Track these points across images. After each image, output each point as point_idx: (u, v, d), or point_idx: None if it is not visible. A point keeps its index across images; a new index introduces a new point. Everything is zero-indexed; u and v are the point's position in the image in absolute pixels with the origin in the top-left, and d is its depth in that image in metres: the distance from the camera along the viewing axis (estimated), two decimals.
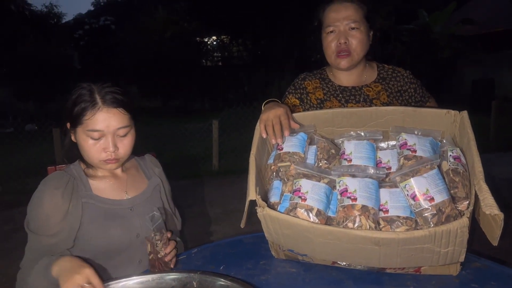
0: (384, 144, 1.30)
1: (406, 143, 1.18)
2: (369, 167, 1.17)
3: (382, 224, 1.08)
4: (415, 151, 1.15)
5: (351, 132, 1.32)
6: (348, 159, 1.22)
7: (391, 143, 1.29)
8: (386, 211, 1.09)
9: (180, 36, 16.49)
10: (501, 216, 0.94)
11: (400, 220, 1.07)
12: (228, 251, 1.37)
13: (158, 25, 16.60)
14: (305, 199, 1.11)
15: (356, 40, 1.57)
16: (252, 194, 1.13)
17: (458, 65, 13.21)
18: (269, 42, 16.78)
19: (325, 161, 1.29)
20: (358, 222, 1.06)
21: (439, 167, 1.13)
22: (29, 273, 1.20)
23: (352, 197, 1.09)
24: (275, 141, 1.30)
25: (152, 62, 15.59)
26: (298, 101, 1.69)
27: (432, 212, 1.03)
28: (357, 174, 1.15)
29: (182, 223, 1.53)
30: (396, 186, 1.12)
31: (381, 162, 1.24)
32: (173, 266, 1.23)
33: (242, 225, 1.18)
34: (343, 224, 1.08)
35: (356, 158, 1.21)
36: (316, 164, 1.29)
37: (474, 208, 1.06)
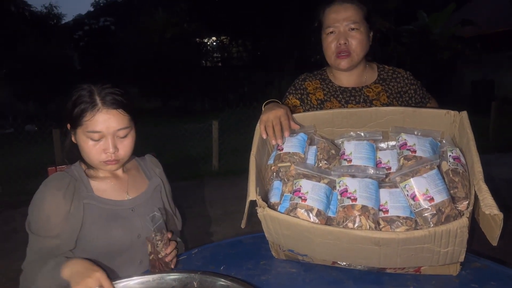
0: (384, 145, 1.30)
1: (406, 144, 1.18)
2: (369, 168, 1.17)
3: (382, 224, 1.08)
4: (415, 152, 1.16)
5: (351, 133, 1.32)
6: (348, 160, 1.22)
7: (391, 144, 1.29)
8: (386, 211, 1.10)
9: (180, 37, 16.51)
10: (501, 216, 0.95)
11: (400, 220, 1.07)
12: (229, 252, 1.37)
13: (158, 26, 16.62)
14: (305, 200, 1.12)
15: (356, 41, 1.57)
16: (252, 195, 1.13)
17: (458, 66, 13.23)
18: (269, 43, 16.79)
19: (325, 162, 1.29)
20: (358, 222, 1.07)
21: (439, 167, 1.13)
22: (34, 275, 1.19)
23: (352, 197, 1.09)
24: (275, 142, 1.31)
25: (152, 63, 15.61)
26: (299, 102, 1.69)
27: (432, 212, 1.04)
28: (357, 175, 1.15)
29: (183, 223, 1.53)
30: (396, 186, 1.13)
31: (381, 163, 1.24)
32: (174, 267, 1.23)
33: (243, 226, 1.18)
34: (343, 224, 1.08)
35: (356, 159, 1.21)
36: (316, 165, 1.29)
37: (474, 208, 1.06)
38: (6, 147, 7.69)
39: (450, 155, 1.16)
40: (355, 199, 1.09)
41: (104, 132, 1.24)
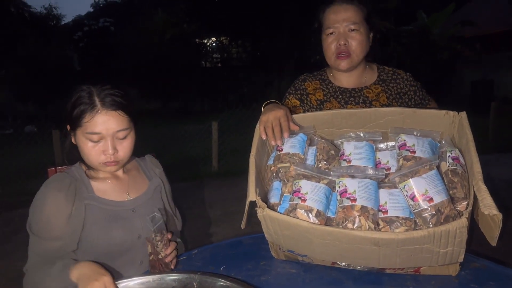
0: (383, 145, 1.31)
1: (405, 144, 1.19)
2: (369, 168, 1.18)
3: (382, 225, 1.08)
4: (414, 152, 1.16)
5: (351, 133, 1.32)
6: (348, 160, 1.22)
7: (390, 144, 1.29)
8: (386, 212, 1.10)
9: (180, 38, 16.51)
10: (500, 217, 0.95)
11: (400, 221, 1.07)
12: (228, 252, 1.37)
13: (158, 27, 16.62)
14: (305, 200, 1.12)
15: (356, 42, 1.58)
16: (252, 195, 1.13)
17: (458, 66, 13.22)
18: (269, 43, 16.79)
19: (325, 162, 1.30)
20: (358, 223, 1.07)
21: (438, 168, 1.14)
22: (39, 277, 1.19)
23: (352, 198, 1.10)
24: (275, 143, 1.31)
25: (152, 64, 15.60)
26: (299, 102, 1.69)
27: (431, 213, 1.04)
28: (357, 175, 1.15)
29: (183, 224, 1.53)
30: (395, 187, 1.13)
31: (380, 163, 1.24)
32: (174, 267, 1.23)
33: (243, 226, 1.18)
34: (343, 225, 1.08)
35: (356, 159, 1.21)
36: (316, 165, 1.29)
37: (473, 209, 1.06)
38: (6, 148, 7.69)
39: (449, 156, 1.16)
40: (355, 200, 1.09)
41: (104, 134, 1.24)
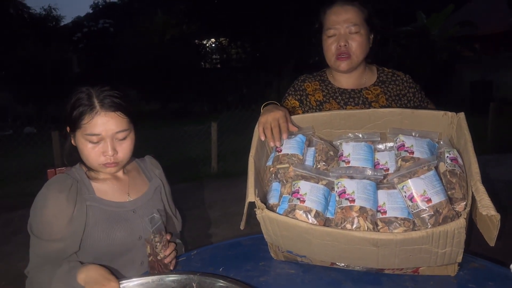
0: (382, 146, 1.31)
1: (404, 145, 1.19)
2: (367, 169, 1.18)
3: (380, 225, 1.09)
4: (413, 153, 1.16)
5: (349, 134, 1.33)
6: (346, 161, 1.23)
7: (389, 145, 1.30)
8: (384, 212, 1.10)
9: (179, 39, 16.51)
10: (498, 217, 0.95)
11: (398, 221, 1.08)
12: (227, 253, 1.38)
13: (157, 28, 16.62)
14: (304, 201, 1.12)
15: (356, 43, 1.58)
16: (251, 196, 1.13)
17: (457, 67, 13.23)
18: (268, 44, 16.78)
19: (324, 163, 1.30)
20: (356, 223, 1.07)
21: (436, 169, 1.14)
22: (44, 279, 1.18)
23: (350, 199, 1.10)
24: (274, 144, 1.31)
25: (151, 65, 15.60)
26: (298, 103, 1.69)
27: (430, 213, 1.04)
28: (355, 176, 1.16)
29: (182, 225, 1.53)
30: (394, 188, 1.13)
31: (379, 164, 1.25)
32: (173, 268, 1.23)
33: (242, 227, 1.18)
34: (342, 226, 1.08)
35: (354, 160, 1.22)
36: (315, 166, 1.29)
37: (471, 209, 1.06)
38: (5, 149, 7.68)
39: (448, 156, 1.17)
40: (353, 200, 1.09)
41: (103, 135, 1.24)
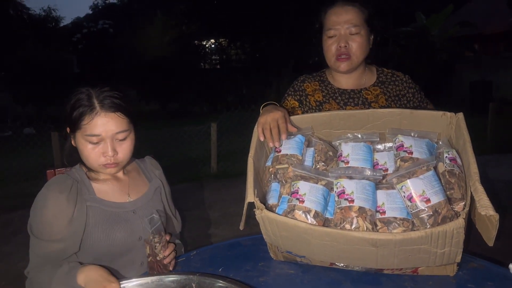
0: (381, 146, 1.31)
1: (403, 145, 1.19)
2: (366, 169, 1.18)
3: (379, 226, 1.09)
4: (412, 153, 1.16)
5: (348, 134, 1.33)
6: (346, 161, 1.23)
7: (388, 145, 1.30)
8: (383, 213, 1.10)
9: (179, 40, 16.51)
10: (497, 217, 0.95)
11: (397, 221, 1.08)
12: (227, 253, 1.38)
13: (157, 29, 16.62)
14: (303, 201, 1.12)
15: (356, 44, 1.58)
16: (250, 196, 1.13)
17: (456, 67, 13.24)
18: (268, 44, 16.79)
19: (323, 163, 1.30)
20: (356, 224, 1.07)
21: (435, 169, 1.14)
22: (43, 280, 1.18)
23: (349, 199, 1.10)
24: (273, 144, 1.31)
25: (151, 65, 15.59)
26: (297, 103, 1.70)
27: (429, 213, 1.05)
28: (354, 176, 1.16)
29: (182, 225, 1.54)
30: (393, 188, 1.14)
31: (378, 164, 1.25)
32: (172, 269, 1.23)
33: (241, 227, 1.18)
34: (341, 226, 1.09)
35: (353, 160, 1.22)
36: (314, 166, 1.30)
37: (470, 209, 1.06)
38: (5, 150, 7.68)
39: (447, 157, 1.17)
40: (352, 201, 1.10)
41: (103, 136, 1.24)
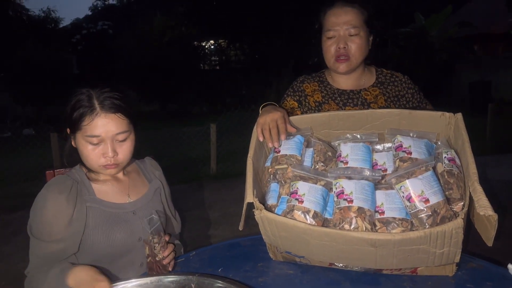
0: (380, 147, 1.31)
1: (402, 145, 1.19)
2: (365, 169, 1.18)
3: (378, 226, 1.09)
4: (411, 153, 1.17)
5: (347, 135, 1.33)
6: (345, 162, 1.23)
7: (387, 145, 1.30)
8: (382, 213, 1.11)
9: (178, 41, 16.52)
10: (495, 217, 0.95)
11: (396, 222, 1.08)
12: (226, 254, 1.38)
13: (156, 30, 16.63)
14: (302, 201, 1.12)
15: (355, 45, 1.58)
16: (250, 197, 1.13)
17: (455, 68, 13.26)
18: (268, 44, 16.80)
19: (322, 164, 1.30)
20: (355, 224, 1.07)
21: (434, 169, 1.14)
22: (40, 280, 1.18)
23: (348, 199, 1.10)
24: (272, 145, 1.31)
25: (150, 66, 15.60)
26: (297, 104, 1.70)
27: (427, 214, 1.05)
28: (353, 176, 1.16)
29: (182, 226, 1.54)
30: (392, 188, 1.14)
31: (377, 164, 1.25)
32: (171, 269, 1.23)
33: (240, 228, 1.18)
34: (340, 226, 1.09)
35: (352, 161, 1.22)
36: (313, 167, 1.30)
37: (469, 209, 1.07)
38: (4, 151, 7.68)
39: (445, 157, 1.17)
40: (351, 201, 1.10)
41: (103, 136, 1.24)
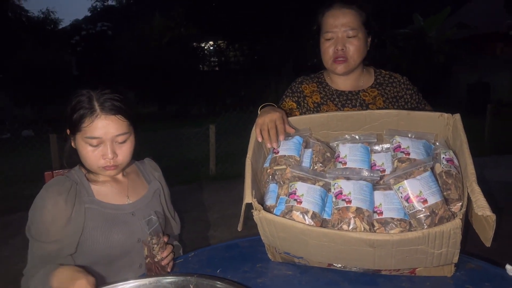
0: (378, 147, 1.31)
1: (400, 146, 1.19)
2: (364, 170, 1.18)
3: (377, 226, 1.09)
4: (409, 154, 1.17)
5: (346, 135, 1.33)
6: (343, 162, 1.23)
7: (385, 146, 1.30)
8: (380, 213, 1.11)
9: (177, 42, 16.52)
10: (493, 217, 0.96)
11: (394, 222, 1.08)
12: (225, 255, 1.38)
13: (155, 31, 16.63)
14: (301, 202, 1.13)
15: (354, 47, 1.58)
16: (248, 197, 1.14)
17: (454, 69, 13.28)
18: (266, 46, 16.81)
19: (320, 164, 1.30)
20: (353, 224, 1.08)
21: (432, 170, 1.15)
22: (31, 281, 1.19)
23: (347, 200, 1.10)
24: (271, 146, 1.32)
25: (149, 68, 15.60)
26: (295, 105, 1.70)
27: (426, 214, 1.05)
28: (352, 177, 1.16)
29: (181, 227, 1.54)
30: (390, 188, 1.14)
31: (375, 165, 1.25)
32: (170, 270, 1.23)
33: (239, 229, 1.19)
34: (338, 226, 1.09)
35: (351, 161, 1.22)
36: (312, 167, 1.30)
37: (467, 210, 1.07)
38: (3, 152, 7.66)
39: (444, 157, 1.17)
40: (350, 201, 1.10)
41: (103, 138, 1.24)
